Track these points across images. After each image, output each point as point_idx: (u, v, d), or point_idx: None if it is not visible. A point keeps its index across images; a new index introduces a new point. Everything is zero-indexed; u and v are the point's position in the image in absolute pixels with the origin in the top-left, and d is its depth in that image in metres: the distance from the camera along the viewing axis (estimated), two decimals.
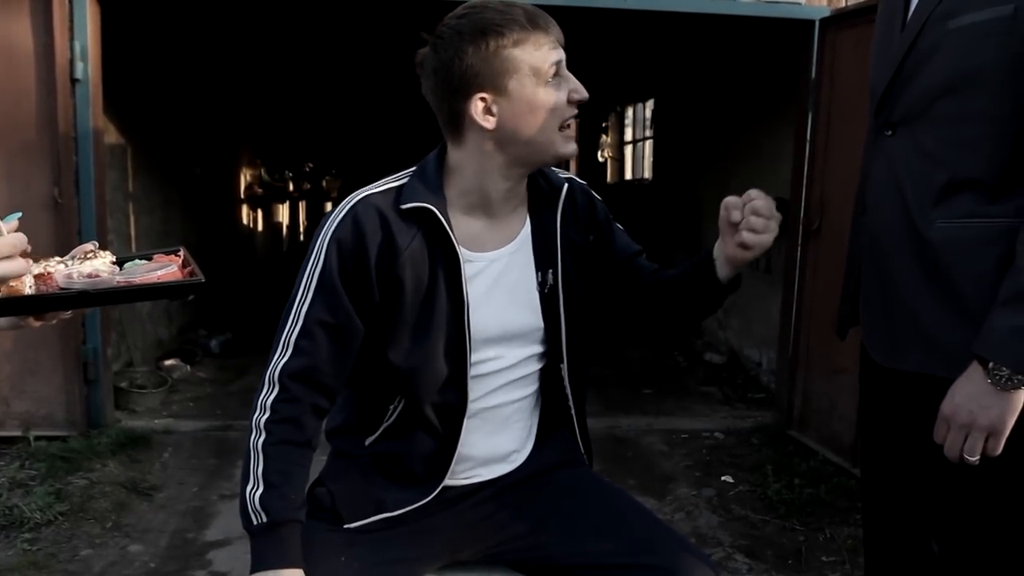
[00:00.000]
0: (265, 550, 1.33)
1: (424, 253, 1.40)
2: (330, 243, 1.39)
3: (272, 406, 1.37)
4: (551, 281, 1.51)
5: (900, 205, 1.47)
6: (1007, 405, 1.31)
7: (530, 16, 1.36)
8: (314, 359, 1.38)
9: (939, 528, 1.58)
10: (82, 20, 3.84)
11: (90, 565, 2.93)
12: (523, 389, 1.55)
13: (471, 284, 1.43)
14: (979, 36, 1.35)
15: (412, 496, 1.48)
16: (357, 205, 1.41)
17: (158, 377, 5.15)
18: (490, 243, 1.47)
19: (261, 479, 1.34)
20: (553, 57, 1.37)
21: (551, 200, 1.53)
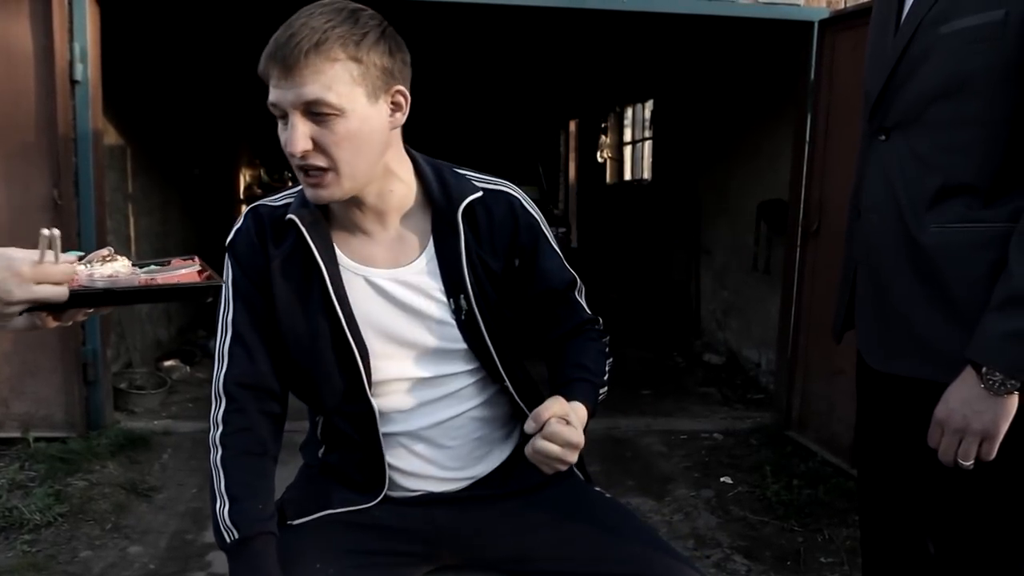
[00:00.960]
0: (240, 567, 1.32)
1: (298, 264, 1.38)
2: (229, 253, 1.42)
3: (223, 419, 1.37)
4: (465, 307, 1.41)
5: (894, 210, 1.47)
6: (1000, 409, 1.31)
7: (275, 41, 1.27)
8: (250, 364, 1.39)
9: (935, 530, 1.59)
10: (82, 21, 3.84)
11: (90, 567, 2.93)
12: (456, 407, 1.47)
13: (357, 298, 1.39)
14: (971, 41, 1.36)
15: (357, 499, 1.46)
16: (248, 213, 1.43)
17: (157, 378, 5.16)
18: (380, 260, 1.41)
19: (225, 495, 1.33)
20: (271, 96, 1.27)
21: (449, 219, 1.40)
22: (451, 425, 1.47)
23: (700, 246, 6.84)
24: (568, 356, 1.47)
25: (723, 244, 6.39)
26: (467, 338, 1.42)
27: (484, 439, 1.52)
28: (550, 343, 1.53)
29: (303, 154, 1.26)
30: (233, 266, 1.41)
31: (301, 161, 1.27)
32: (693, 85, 7.02)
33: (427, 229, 1.42)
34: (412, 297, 1.41)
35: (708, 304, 6.76)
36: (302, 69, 1.23)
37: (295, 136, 1.25)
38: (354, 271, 1.40)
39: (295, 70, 1.23)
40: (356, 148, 1.28)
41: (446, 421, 1.47)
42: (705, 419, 4.83)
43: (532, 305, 1.49)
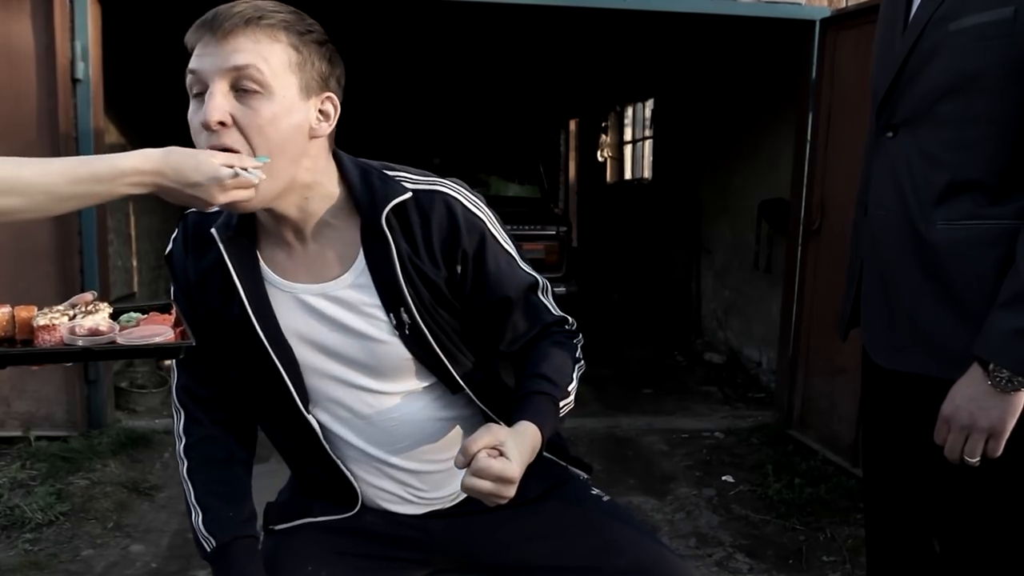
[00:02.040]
0: (223, 573, 1.31)
1: (218, 279, 1.30)
2: (166, 263, 1.42)
3: (183, 431, 1.39)
4: (408, 320, 1.27)
5: (901, 206, 1.47)
6: (1007, 407, 1.31)
7: (203, 19, 1.19)
8: (195, 376, 1.39)
9: (941, 528, 1.59)
10: (83, 20, 3.84)
11: (91, 565, 2.93)
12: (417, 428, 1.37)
13: (286, 315, 1.29)
14: (980, 38, 1.35)
15: (336, 509, 1.42)
16: (180, 223, 1.41)
17: (158, 377, 5.15)
18: (304, 275, 1.30)
19: (197, 505, 1.34)
20: (191, 63, 1.18)
21: (376, 232, 1.25)
22: (418, 451, 1.37)
23: (701, 245, 6.83)
24: (527, 365, 1.32)
25: (724, 243, 6.39)
26: (416, 353, 1.29)
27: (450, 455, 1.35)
28: (514, 354, 1.38)
29: (218, 126, 1.13)
30: (171, 277, 1.40)
31: (212, 138, 1.14)
32: (694, 84, 7.01)
33: (356, 240, 1.28)
34: (344, 315, 1.29)
35: (709, 303, 6.76)
36: (238, 36, 1.13)
37: (213, 104, 1.13)
38: (280, 287, 1.30)
39: (230, 36, 1.13)
40: (276, 139, 1.16)
41: (408, 447, 1.36)
42: (706, 418, 4.83)
43: (487, 315, 1.34)
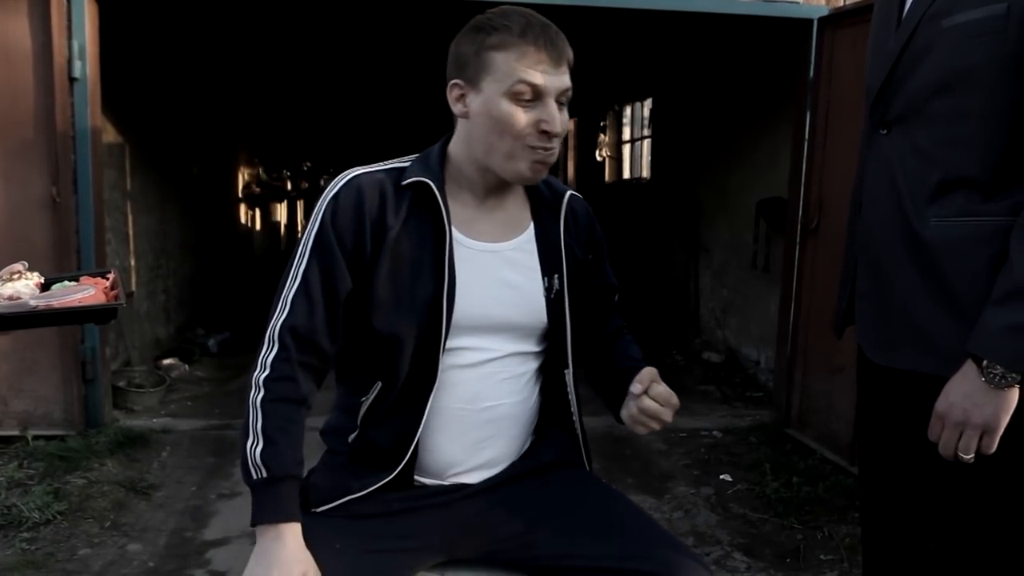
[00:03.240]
0: (265, 504, 1.36)
1: (416, 227, 1.45)
2: (328, 205, 1.45)
3: (271, 364, 1.41)
4: (557, 286, 1.53)
5: (895, 203, 1.47)
6: (1001, 403, 1.31)
7: (527, 28, 1.38)
8: (311, 318, 1.43)
9: (937, 526, 1.59)
10: (80, 19, 3.84)
11: (89, 564, 2.93)
12: (515, 394, 1.54)
13: (460, 267, 1.46)
14: (973, 35, 1.36)
15: (377, 478, 1.49)
16: (360, 176, 1.47)
17: (156, 376, 5.16)
18: (486, 234, 1.50)
19: (260, 435, 1.37)
20: (530, 76, 1.37)
21: (554, 207, 1.57)
22: (506, 413, 1.53)
23: (699, 244, 6.84)
24: (622, 351, 1.64)
25: (722, 242, 6.39)
26: (551, 315, 1.53)
27: (524, 434, 1.60)
28: (593, 342, 1.66)
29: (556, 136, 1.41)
30: (325, 223, 1.44)
31: (549, 142, 1.41)
32: (692, 83, 7.01)
33: (527, 215, 1.56)
34: (510, 271, 1.50)
35: (707, 302, 6.76)
36: (564, 62, 1.40)
37: (561, 118, 1.41)
38: (458, 241, 1.47)
39: (561, 61, 1.40)
40: None
41: (501, 406, 1.52)
42: (704, 417, 4.83)
43: (591, 298, 1.64)
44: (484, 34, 1.39)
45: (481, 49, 1.39)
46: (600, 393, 1.64)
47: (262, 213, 11.45)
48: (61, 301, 1.13)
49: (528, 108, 1.39)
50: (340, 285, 1.43)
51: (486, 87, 1.39)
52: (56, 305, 1.12)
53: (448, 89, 1.45)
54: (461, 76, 1.43)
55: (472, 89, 1.42)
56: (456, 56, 1.44)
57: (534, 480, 1.57)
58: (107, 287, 1.19)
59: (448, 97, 1.46)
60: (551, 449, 1.63)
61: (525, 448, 1.61)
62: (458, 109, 1.45)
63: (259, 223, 11.30)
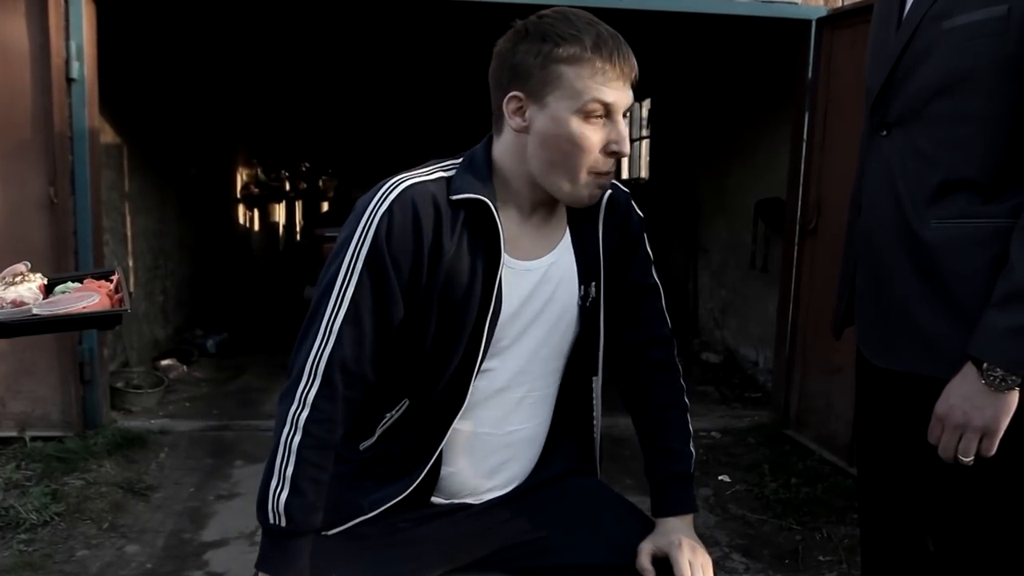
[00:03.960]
0: (275, 553, 1.31)
1: (470, 250, 1.34)
2: (381, 220, 1.29)
3: (314, 403, 1.30)
4: (593, 294, 1.47)
5: (894, 205, 1.47)
6: (1001, 405, 1.31)
7: (599, 41, 1.29)
8: (360, 349, 1.31)
9: (935, 527, 1.59)
10: (78, 20, 3.83)
11: (86, 566, 2.92)
12: (537, 416, 1.50)
13: (506, 292, 1.38)
14: (973, 36, 1.35)
15: (389, 494, 1.42)
16: (414, 188, 1.32)
17: (154, 377, 5.15)
18: (527, 251, 1.41)
19: (289, 481, 1.29)
20: (604, 95, 1.28)
21: (591, 210, 1.47)
22: (525, 436, 1.49)
23: (698, 245, 6.83)
24: (657, 433, 1.60)
25: (721, 243, 6.39)
26: (584, 324, 1.47)
27: (536, 454, 1.55)
28: (623, 347, 1.57)
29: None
30: (379, 241, 1.29)
31: (615, 163, 1.35)
32: (690, 84, 7.01)
33: (564, 222, 1.47)
34: (547, 286, 1.43)
35: (706, 303, 6.76)
36: (632, 77, 1.34)
37: (627, 138, 1.34)
38: (506, 263, 1.38)
39: (630, 76, 1.33)
40: None
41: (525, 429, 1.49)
42: (703, 418, 4.82)
43: (620, 293, 1.54)
44: (552, 44, 1.28)
45: (549, 61, 1.28)
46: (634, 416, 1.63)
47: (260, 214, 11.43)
48: (66, 309, 1.12)
49: (596, 127, 1.30)
50: (394, 313, 1.32)
51: (553, 102, 1.29)
52: (60, 313, 1.11)
53: (504, 101, 1.34)
54: (522, 88, 1.31)
55: (535, 103, 1.31)
56: (514, 65, 1.31)
57: (543, 490, 1.54)
58: (111, 290, 1.17)
59: (502, 108, 1.35)
60: (561, 460, 1.59)
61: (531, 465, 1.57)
62: (516, 123, 1.33)
63: (257, 224, 11.28)
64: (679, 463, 1.54)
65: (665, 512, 1.50)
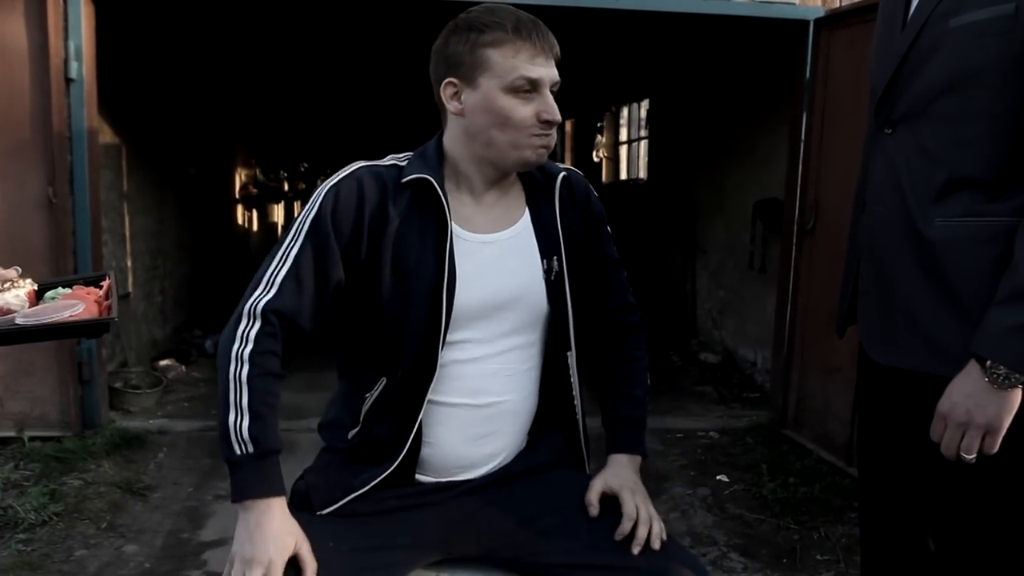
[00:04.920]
0: (251, 479, 1.36)
1: (418, 223, 1.46)
2: (327, 193, 1.45)
3: (255, 338, 1.41)
4: (556, 268, 1.55)
5: (899, 203, 1.47)
6: (1004, 403, 1.31)
7: (519, 25, 1.41)
8: (298, 301, 1.43)
9: (936, 526, 1.59)
10: (76, 20, 3.83)
11: (85, 566, 2.92)
12: (518, 390, 1.56)
13: (460, 261, 1.46)
14: (980, 35, 1.36)
15: (376, 473, 1.49)
16: (361, 169, 1.48)
17: (153, 377, 5.14)
18: (482, 226, 1.52)
19: (247, 410, 1.37)
20: (528, 71, 1.41)
21: (547, 189, 1.58)
22: (507, 408, 1.55)
23: (696, 245, 6.84)
24: (618, 381, 1.66)
25: (719, 243, 6.40)
26: (551, 298, 1.55)
27: (522, 429, 1.60)
28: (596, 318, 1.67)
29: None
30: (323, 210, 1.44)
31: (549, 129, 1.45)
32: (689, 84, 7.02)
33: (522, 202, 1.58)
34: (509, 259, 1.52)
35: (704, 303, 6.77)
36: (553, 55, 1.44)
37: (556, 108, 1.45)
38: (458, 235, 1.49)
39: (552, 54, 1.44)
40: None
41: (501, 402, 1.54)
42: (701, 418, 4.84)
43: (590, 270, 1.64)
44: (476, 32, 1.42)
45: (476, 47, 1.42)
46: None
47: (259, 214, 11.44)
48: (50, 318, 1.11)
49: (526, 101, 1.42)
50: (332, 272, 1.44)
51: (483, 83, 1.42)
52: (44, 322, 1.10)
53: (441, 88, 1.47)
54: (455, 74, 1.45)
55: (468, 86, 1.44)
56: (446, 55, 1.46)
57: (532, 479, 1.58)
58: (99, 297, 1.16)
59: (441, 95, 1.48)
60: (549, 450, 1.64)
61: (524, 444, 1.62)
62: (453, 107, 1.47)
63: (256, 224, 11.29)
64: (636, 408, 1.63)
65: (618, 450, 1.59)
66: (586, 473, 1.67)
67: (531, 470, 1.59)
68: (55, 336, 1.16)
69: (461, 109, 1.46)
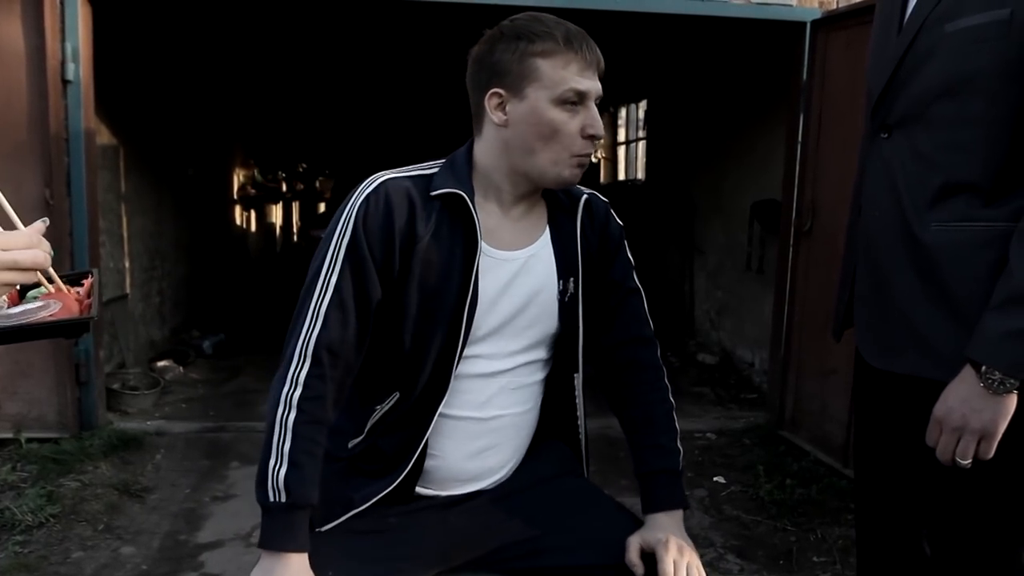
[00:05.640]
0: (278, 529, 1.35)
1: (447, 238, 1.42)
2: (358, 214, 1.40)
3: (306, 381, 1.37)
4: (572, 290, 1.53)
5: (895, 207, 1.47)
6: (999, 408, 1.32)
7: (569, 36, 1.39)
8: (345, 331, 1.39)
9: (931, 529, 1.59)
10: (73, 21, 3.82)
11: (82, 567, 2.92)
12: (522, 403, 1.54)
13: (483, 279, 1.44)
14: (975, 40, 1.36)
15: (378, 488, 1.47)
16: (388, 183, 1.43)
17: (150, 379, 5.14)
18: (507, 242, 1.49)
19: (287, 457, 1.35)
20: (577, 83, 1.39)
21: (570, 209, 1.56)
22: (510, 423, 1.53)
23: (694, 246, 6.84)
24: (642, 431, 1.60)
25: (717, 244, 6.40)
26: (563, 319, 1.53)
27: (523, 444, 1.59)
28: (605, 349, 1.61)
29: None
30: (357, 230, 1.39)
31: (592, 145, 1.43)
32: (687, 85, 7.02)
33: (544, 219, 1.54)
34: (526, 277, 1.50)
35: (702, 304, 6.77)
36: (599, 69, 1.44)
37: (600, 121, 1.44)
38: (484, 252, 1.45)
39: (598, 67, 1.43)
40: None
41: (507, 416, 1.52)
42: (698, 419, 4.84)
43: (602, 293, 1.60)
44: (526, 41, 1.38)
45: (525, 56, 1.38)
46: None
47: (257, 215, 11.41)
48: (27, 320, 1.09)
49: (573, 113, 1.40)
50: (372, 293, 1.41)
51: (532, 94, 1.39)
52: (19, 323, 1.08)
53: (486, 98, 1.43)
54: (501, 84, 1.41)
55: (515, 96, 1.40)
56: (492, 64, 1.41)
57: (532, 492, 1.56)
58: (79, 296, 1.15)
59: (484, 105, 1.44)
60: (550, 461, 1.63)
61: (523, 457, 1.61)
62: (497, 117, 1.42)
63: (254, 225, 11.26)
64: (667, 459, 1.57)
65: (654, 508, 1.52)
66: (588, 481, 1.66)
67: (532, 484, 1.58)
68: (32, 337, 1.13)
69: (506, 120, 1.42)
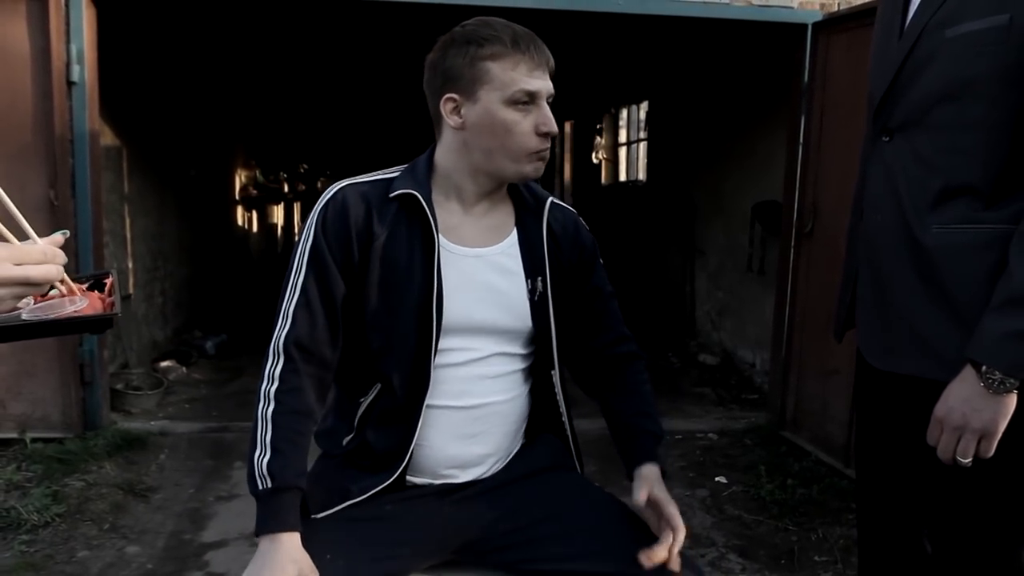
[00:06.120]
0: (267, 514, 1.39)
1: (405, 237, 1.49)
2: (318, 217, 1.50)
3: (280, 376, 1.45)
4: (540, 288, 1.57)
5: (896, 210, 1.49)
6: (999, 408, 1.33)
7: (517, 38, 1.44)
8: (313, 328, 1.47)
9: (933, 529, 1.61)
10: (78, 23, 3.84)
11: (87, 567, 2.93)
12: (502, 392, 1.57)
13: (446, 272, 1.49)
14: (976, 45, 1.37)
15: (375, 481, 1.51)
16: (346, 188, 1.52)
17: (154, 379, 5.15)
18: (472, 239, 1.54)
19: (269, 446, 1.41)
20: (527, 84, 1.43)
21: (536, 211, 1.61)
22: (495, 411, 1.56)
23: (695, 247, 6.85)
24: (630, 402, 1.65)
25: (718, 245, 6.41)
26: (535, 318, 1.57)
27: (514, 431, 1.62)
28: (594, 350, 1.68)
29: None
30: (317, 235, 1.49)
31: (546, 141, 1.48)
32: (688, 87, 7.03)
33: (511, 220, 1.60)
34: (495, 275, 1.54)
35: (703, 305, 6.78)
36: (549, 67, 1.48)
37: (553, 118, 1.48)
38: (445, 247, 1.51)
39: (547, 66, 1.47)
40: None
41: (490, 404, 1.56)
42: (700, 419, 4.85)
43: (582, 302, 1.65)
44: (475, 46, 1.43)
45: (476, 60, 1.43)
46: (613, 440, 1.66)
47: (259, 215, 11.44)
48: (56, 314, 1.12)
49: (526, 113, 1.45)
50: (336, 292, 1.48)
51: (484, 96, 1.44)
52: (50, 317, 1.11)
53: (441, 103, 1.48)
54: (454, 88, 1.46)
55: (468, 100, 1.46)
56: (445, 69, 1.47)
57: (527, 483, 1.59)
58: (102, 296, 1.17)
59: (440, 110, 1.49)
60: (544, 453, 1.66)
61: (516, 449, 1.64)
62: (453, 121, 1.48)
63: (256, 225, 11.29)
64: (654, 425, 1.62)
65: (646, 459, 1.55)
66: (583, 477, 1.69)
67: (529, 474, 1.60)
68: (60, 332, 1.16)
69: (461, 123, 1.47)
